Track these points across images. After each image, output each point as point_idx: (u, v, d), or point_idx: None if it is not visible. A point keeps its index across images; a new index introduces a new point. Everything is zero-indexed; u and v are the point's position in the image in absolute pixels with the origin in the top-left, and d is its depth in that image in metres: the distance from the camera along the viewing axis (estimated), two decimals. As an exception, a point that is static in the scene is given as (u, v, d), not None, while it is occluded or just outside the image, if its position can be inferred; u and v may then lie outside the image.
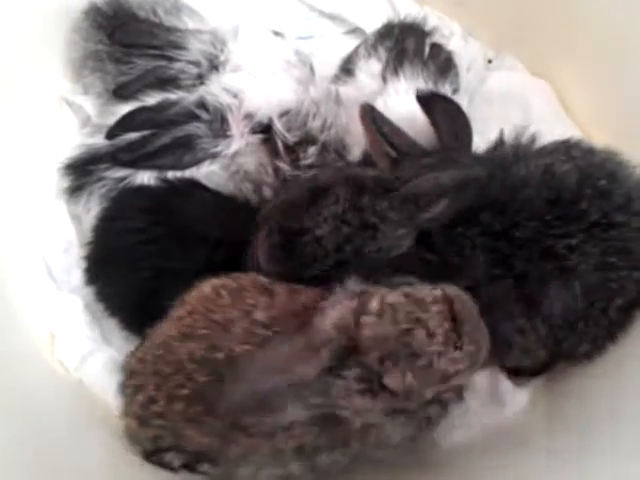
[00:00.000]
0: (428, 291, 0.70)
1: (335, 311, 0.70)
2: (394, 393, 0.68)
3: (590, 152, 0.85)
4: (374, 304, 0.69)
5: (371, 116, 0.88)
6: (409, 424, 0.73)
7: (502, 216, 0.79)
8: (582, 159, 0.82)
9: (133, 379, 0.78)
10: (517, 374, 0.94)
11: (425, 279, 0.75)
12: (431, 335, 0.66)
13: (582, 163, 0.81)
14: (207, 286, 0.80)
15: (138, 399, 0.76)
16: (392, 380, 0.67)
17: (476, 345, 0.69)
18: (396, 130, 0.89)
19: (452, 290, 0.72)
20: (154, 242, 0.92)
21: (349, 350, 0.68)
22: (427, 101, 0.93)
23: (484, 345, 0.71)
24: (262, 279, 0.80)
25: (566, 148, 0.86)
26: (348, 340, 0.68)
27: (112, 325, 1.01)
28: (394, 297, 0.69)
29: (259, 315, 0.74)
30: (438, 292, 0.70)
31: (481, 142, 0.93)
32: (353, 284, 0.76)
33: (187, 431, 0.73)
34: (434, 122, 0.91)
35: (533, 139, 0.88)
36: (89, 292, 0.99)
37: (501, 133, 0.90)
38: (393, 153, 0.86)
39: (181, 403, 0.72)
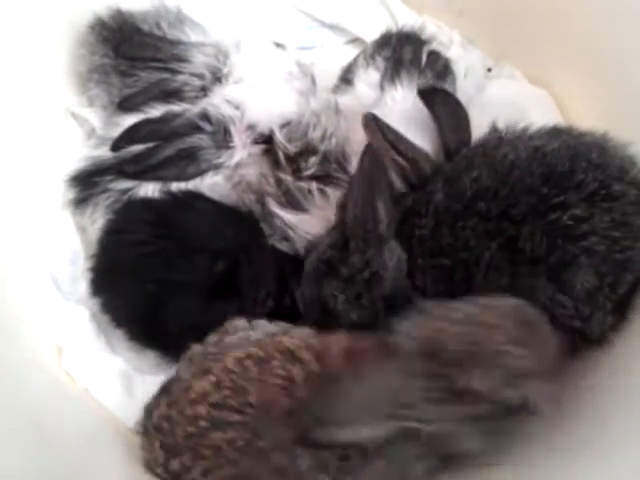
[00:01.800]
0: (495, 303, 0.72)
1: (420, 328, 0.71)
2: (476, 396, 0.68)
3: (579, 134, 0.86)
4: (458, 314, 0.70)
5: (375, 124, 0.89)
6: (490, 431, 0.72)
7: (496, 200, 0.79)
8: (571, 139, 0.83)
9: (162, 435, 0.77)
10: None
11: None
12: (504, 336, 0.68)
13: (572, 142, 0.82)
14: (229, 359, 0.76)
15: (174, 463, 0.74)
16: (477, 383, 0.67)
17: (543, 347, 0.70)
18: (400, 137, 0.91)
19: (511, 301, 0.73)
20: (158, 255, 0.93)
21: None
22: (429, 95, 0.95)
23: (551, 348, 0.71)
24: (287, 342, 0.77)
25: (555, 132, 0.87)
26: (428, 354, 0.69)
27: (119, 335, 1.02)
28: (468, 309, 0.71)
29: (300, 393, 0.71)
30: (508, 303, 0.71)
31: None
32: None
33: None
34: (435, 116, 0.93)
35: (523, 129, 0.89)
36: (95, 303, 1.00)
37: (491, 126, 0.91)
38: (401, 160, 0.89)
39: None
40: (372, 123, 0.90)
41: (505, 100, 1.18)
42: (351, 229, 0.86)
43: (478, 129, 0.96)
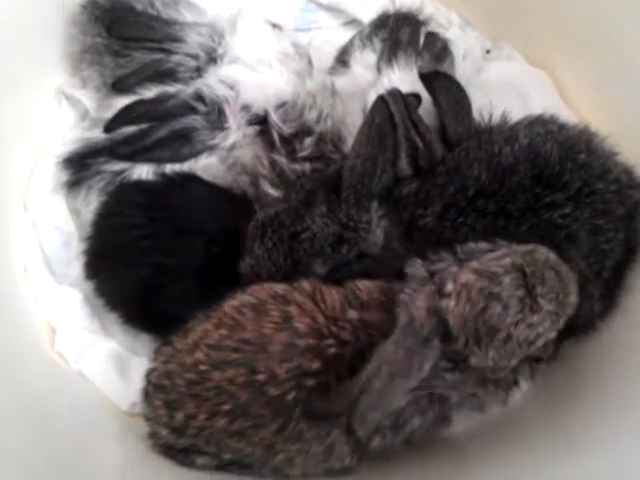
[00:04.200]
0: (497, 262, 0.71)
1: (421, 300, 0.71)
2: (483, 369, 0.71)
3: (564, 126, 0.90)
4: (449, 287, 0.71)
5: (402, 100, 0.88)
6: (499, 390, 0.77)
7: (495, 197, 0.83)
8: (559, 133, 0.86)
9: (162, 393, 0.79)
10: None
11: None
12: (505, 307, 0.68)
13: (560, 137, 0.85)
14: (228, 307, 0.80)
15: (177, 416, 0.77)
16: (477, 360, 0.70)
17: (556, 300, 0.70)
18: (420, 117, 0.90)
19: (522, 254, 0.72)
20: (152, 238, 0.93)
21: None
22: (430, 79, 0.94)
23: (567, 294, 0.72)
24: (277, 287, 0.81)
25: (542, 123, 0.89)
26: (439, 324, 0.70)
27: (112, 318, 1.02)
28: (465, 276, 0.71)
29: (299, 324, 0.75)
30: (508, 261, 0.71)
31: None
32: (417, 269, 0.77)
33: (228, 442, 0.76)
34: (436, 101, 0.92)
35: (504, 117, 0.91)
36: (89, 286, 1.00)
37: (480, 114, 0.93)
38: (418, 141, 0.88)
39: (224, 418, 0.74)
40: (398, 99, 0.88)
41: (504, 82, 1.17)
42: (347, 179, 0.87)
43: (477, 111, 0.95)
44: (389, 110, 0.87)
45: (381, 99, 0.88)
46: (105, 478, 0.84)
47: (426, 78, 0.94)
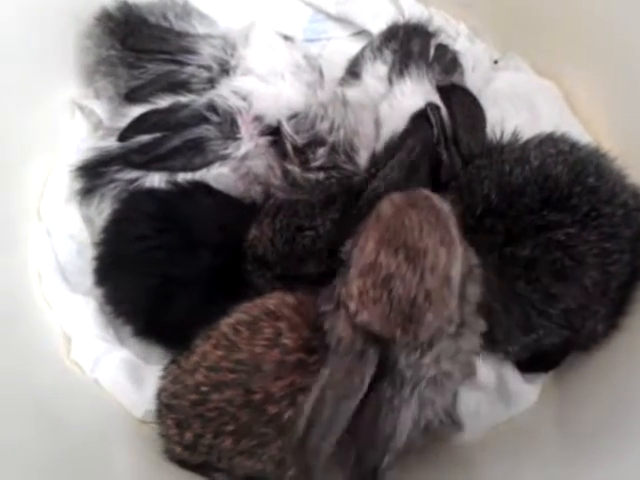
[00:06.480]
0: (364, 257, 0.69)
1: (342, 322, 0.70)
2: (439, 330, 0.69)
3: (575, 146, 0.90)
4: (352, 305, 0.68)
5: (439, 115, 0.90)
6: (472, 334, 0.76)
7: (503, 217, 0.83)
8: (570, 153, 0.87)
9: (172, 413, 0.81)
10: (529, 369, 0.95)
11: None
12: (402, 278, 0.66)
13: (571, 158, 0.86)
14: (224, 325, 0.81)
15: (187, 435, 0.78)
16: (425, 331, 0.67)
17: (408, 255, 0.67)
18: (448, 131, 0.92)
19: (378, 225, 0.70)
20: (161, 248, 0.94)
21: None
22: (447, 92, 0.95)
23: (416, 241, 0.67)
24: (268, 303, 0.82)
25: (553, 142, 0.90)
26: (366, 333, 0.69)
27: (126, 327, 1.02)
28: (355, 285, 0.68)
29: (286, 340, 0.75)
30: (370, 246, 0.68)
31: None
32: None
33: (238, 460, 0.77)
34: (452, 113, 0.93)
35: (516, 134, 0.92)
36: (100, 293, 1.01)
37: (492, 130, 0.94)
38: (446, 156, 0.90)
39: (229, 438, 0.75)
40: (436, 113, 0.90)
41: (512, 92, 1.18)
42: (366, 197, 0.88)
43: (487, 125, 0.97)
44: (431, 137, 0.88)
45: (419, 127, 0.89)
46: (120, 485, 0.85)
47: (443, 91, 0.95)
